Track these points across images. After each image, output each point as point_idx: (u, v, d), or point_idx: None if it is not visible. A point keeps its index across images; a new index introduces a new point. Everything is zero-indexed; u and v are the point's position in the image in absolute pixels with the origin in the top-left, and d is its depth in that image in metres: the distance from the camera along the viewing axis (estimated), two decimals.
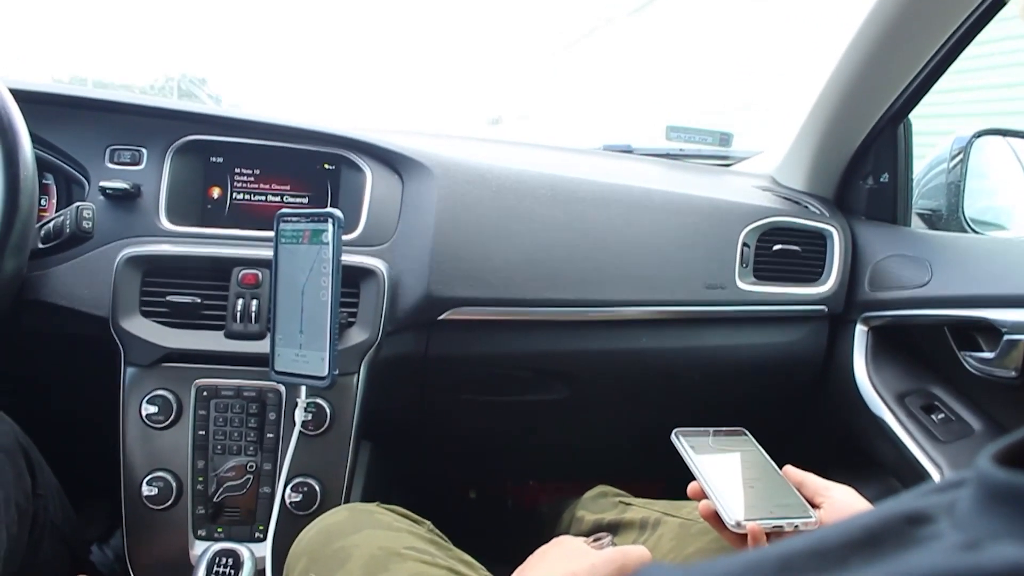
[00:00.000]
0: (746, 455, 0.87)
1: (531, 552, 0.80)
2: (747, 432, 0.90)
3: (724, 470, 0.83)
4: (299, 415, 1.06)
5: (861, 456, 1.38)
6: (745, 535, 0.75)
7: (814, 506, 0.79)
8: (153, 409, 1.10)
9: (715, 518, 0.78)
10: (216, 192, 1.23)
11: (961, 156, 1.40)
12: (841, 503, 0.78)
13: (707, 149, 1.81)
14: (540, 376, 1.39)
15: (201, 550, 1.09)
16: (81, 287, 1.12)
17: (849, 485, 0.81)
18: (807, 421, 1.55)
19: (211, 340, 1.11)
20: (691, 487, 0.82)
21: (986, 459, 0.26)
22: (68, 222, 1.05)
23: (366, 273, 1.15)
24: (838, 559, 0.24)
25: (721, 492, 0.78)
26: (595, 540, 0.83)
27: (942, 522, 0.25)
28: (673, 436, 0.86)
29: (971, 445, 1.21)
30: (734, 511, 0.76)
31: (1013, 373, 1.10)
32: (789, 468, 0.84)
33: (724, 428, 0.90)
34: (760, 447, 0.88)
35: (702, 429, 0.88)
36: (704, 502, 0.79)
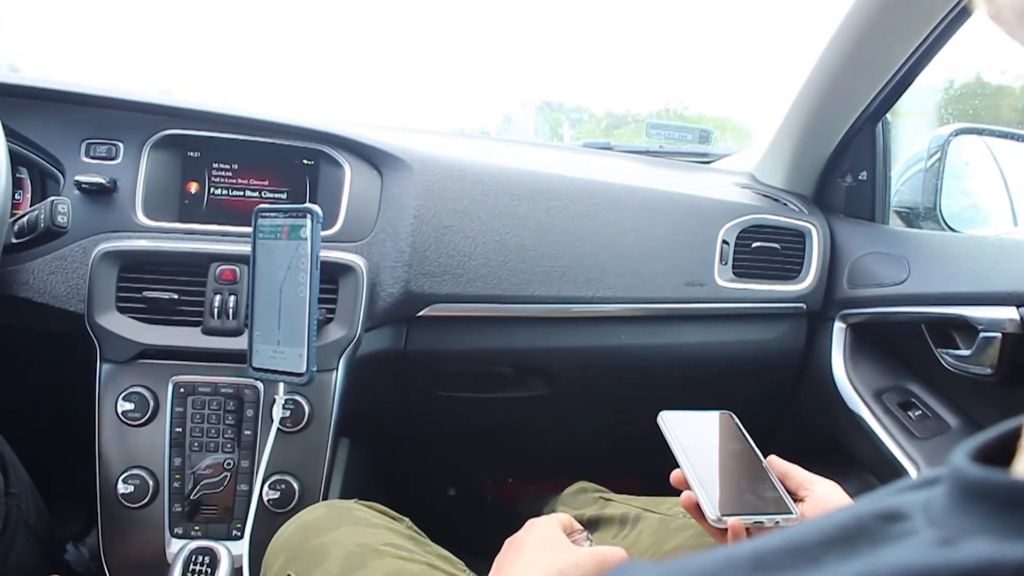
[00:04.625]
0: (731, 442, 0.86)
1: None
2: (733, 415, 0.90)
3: (708, 458, 0.82)
4: (277, 412, 1.06)
5: (839, 452, 1.38)
6: (726, 529, 0.75)
7: (797, 499, 0.79)
8: (129, 406, 1.09)
9: (696, 509, 0.77)
10: (194, 187, 1.22)
11: (939, 154, 1.41)
12: (824, 498, 0.78)
13: (687, 146, 1.81)
14: (520, 372, 1.39)
15: (177, 548, 1.08)
16: (56, 282, 1.11)
17: None
18: (786, 418, 1.55)
19: (188, 336, 1.10)
20: (674, 475, 0.81)
21: (961, 456, 0.26)
22: (43, 217, 1.04)
23: (345, 269, 1.15)
24: (813, 556, 0.24)
25: (703, 483, 0.78)
26: (570, 536, 0.82)
27: (917, 519, 0.25)
28: (659, 418, 0.85)
29: (947, 442, 1.22)
30: (715, 505, 0.75)
31: (989, 370, 1.11)
32: (774, 458, 0.83)
33: (710, 411, 0.89)
34: (746, 432, 0.87)
35: (688, 412, 0.87)
36: (686, 493, 0.79)
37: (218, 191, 1.22)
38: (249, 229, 1.05)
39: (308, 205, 1.00)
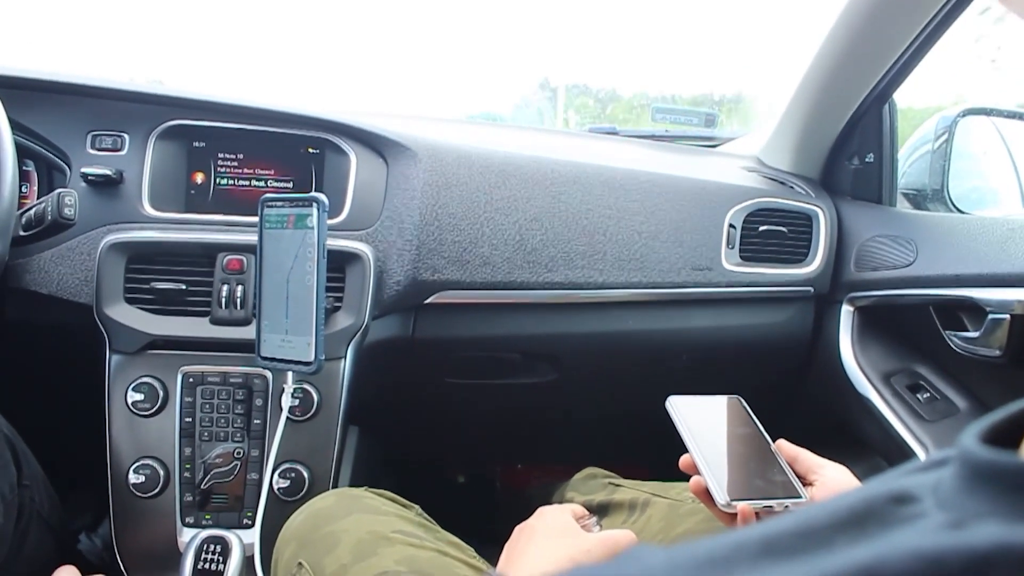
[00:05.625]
0: (739, 427, 0.86)
1: None
2: (742, 400, 0.90)
3: (716, 443, 0.82)
4: (286, 401, 1.06)
5: (848, 435, 1.38)
6: (735, 514, 0.75)
7: (806, 483, 0.79)
8: (139, 396, 1.09)
9: (705, 494, 0.78)
10: (200, 177, 1.22)
11: (946, 136, 1.40)
12: (834, 482, 0.78)
13: (693, 130, 1.81)
14: (528, 359, 1.39)
15: (189, 537, 1.09)
16: (64, 274, 1.12)
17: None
18: (794, 401, 1.55)
19: (196, 326, 1.11)
20: (683, 460, 0.81)
21: (970, 437, 0.26)
22: (50, 209, 1.05)
23: (352, 257, 1.15)
24: (823, 539, 0.24)
25: (712, 468, 0.78)
26: (579, 521, 0.83)
27: (926, 501, 0.25)
28: (667, 403, 0.86)
29: (956, 424, 1.22)
30: (725, 490, 0.75)
31: (997, 352, 1.10)
32: (782, 443, 0.83)
33: (719, 396, 0.89)
34: (754, 417, 0.87)
35: (696, 397, 0.87)
36: (695, 478, 0.79)
37: (224, 181, 1.22)
38: (255, 219, 1.05)
39: (314, 194, 1.00)
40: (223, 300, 1.10)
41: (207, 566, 1.06)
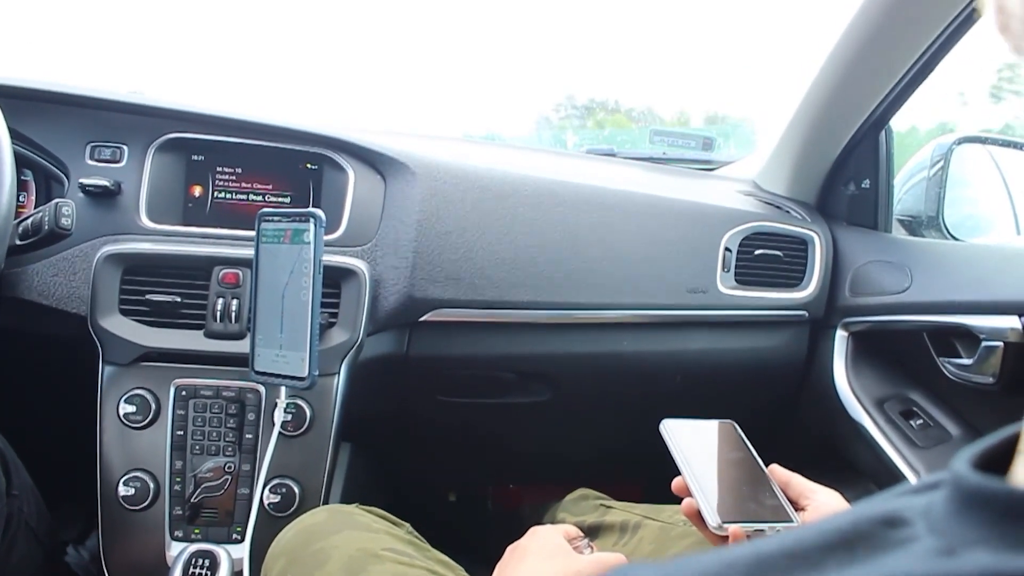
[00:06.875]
0: (733, 451, 0.86)
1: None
2: (736, 425, 0.90)
3: (709, 466, 0.82)
4: (279, 416, 1.06)
5: (840, 461, 1.38)
6: (727, 537, 0.75)
7: (798, 508, 0.79)
8: (131, 408, 1.09)
9: (697, 517, 0.78)
10: (197, 190, 1.22)
11: (942, 163, 1.41)
12: (826, 507, 0.78)
13: (690, 153, 1.81)
14: (522, 378, 1.39)
15: (177, 551, 1.08)
16: (59, 285, 1.11)
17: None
18: (787, 426, 1.55)
19: (191, 339, 1.11)
20: (675, 483, 0.81)
21: (961, 462, 0.26)
22: (47, 219, 1.04)
23: (348, 273, 1.15)
24: (813, 561, 0.24)
25: (705, 490, 0.78)
26: (571, 543, 0.82)
27: (918, 525, 0.25)
28: (661, 427, 0.86)
29: (949, 450, 1.22)
30: (716, 512, 0.75)
31: (991, 379, 1.11)
32: (775, 467, 0.83)
33: (713, 420, 0.90)
34: (748, 441, 0.87)
35: (690, 421, 0.88)
36: (687, 500, 0.79)
37: (222, 195, 1.22)
38: (252, 233, 1.05)
39: (311, 209, 1.00)
40: (218, 313, 1.10)
41: None
